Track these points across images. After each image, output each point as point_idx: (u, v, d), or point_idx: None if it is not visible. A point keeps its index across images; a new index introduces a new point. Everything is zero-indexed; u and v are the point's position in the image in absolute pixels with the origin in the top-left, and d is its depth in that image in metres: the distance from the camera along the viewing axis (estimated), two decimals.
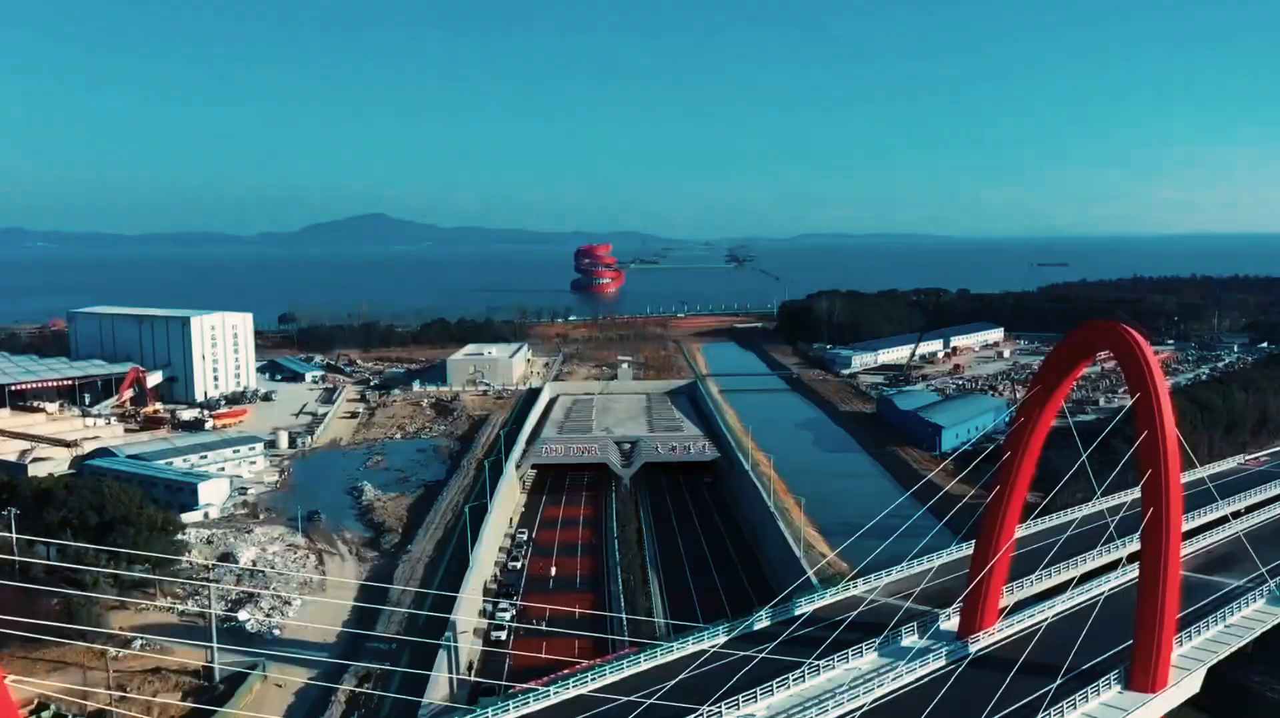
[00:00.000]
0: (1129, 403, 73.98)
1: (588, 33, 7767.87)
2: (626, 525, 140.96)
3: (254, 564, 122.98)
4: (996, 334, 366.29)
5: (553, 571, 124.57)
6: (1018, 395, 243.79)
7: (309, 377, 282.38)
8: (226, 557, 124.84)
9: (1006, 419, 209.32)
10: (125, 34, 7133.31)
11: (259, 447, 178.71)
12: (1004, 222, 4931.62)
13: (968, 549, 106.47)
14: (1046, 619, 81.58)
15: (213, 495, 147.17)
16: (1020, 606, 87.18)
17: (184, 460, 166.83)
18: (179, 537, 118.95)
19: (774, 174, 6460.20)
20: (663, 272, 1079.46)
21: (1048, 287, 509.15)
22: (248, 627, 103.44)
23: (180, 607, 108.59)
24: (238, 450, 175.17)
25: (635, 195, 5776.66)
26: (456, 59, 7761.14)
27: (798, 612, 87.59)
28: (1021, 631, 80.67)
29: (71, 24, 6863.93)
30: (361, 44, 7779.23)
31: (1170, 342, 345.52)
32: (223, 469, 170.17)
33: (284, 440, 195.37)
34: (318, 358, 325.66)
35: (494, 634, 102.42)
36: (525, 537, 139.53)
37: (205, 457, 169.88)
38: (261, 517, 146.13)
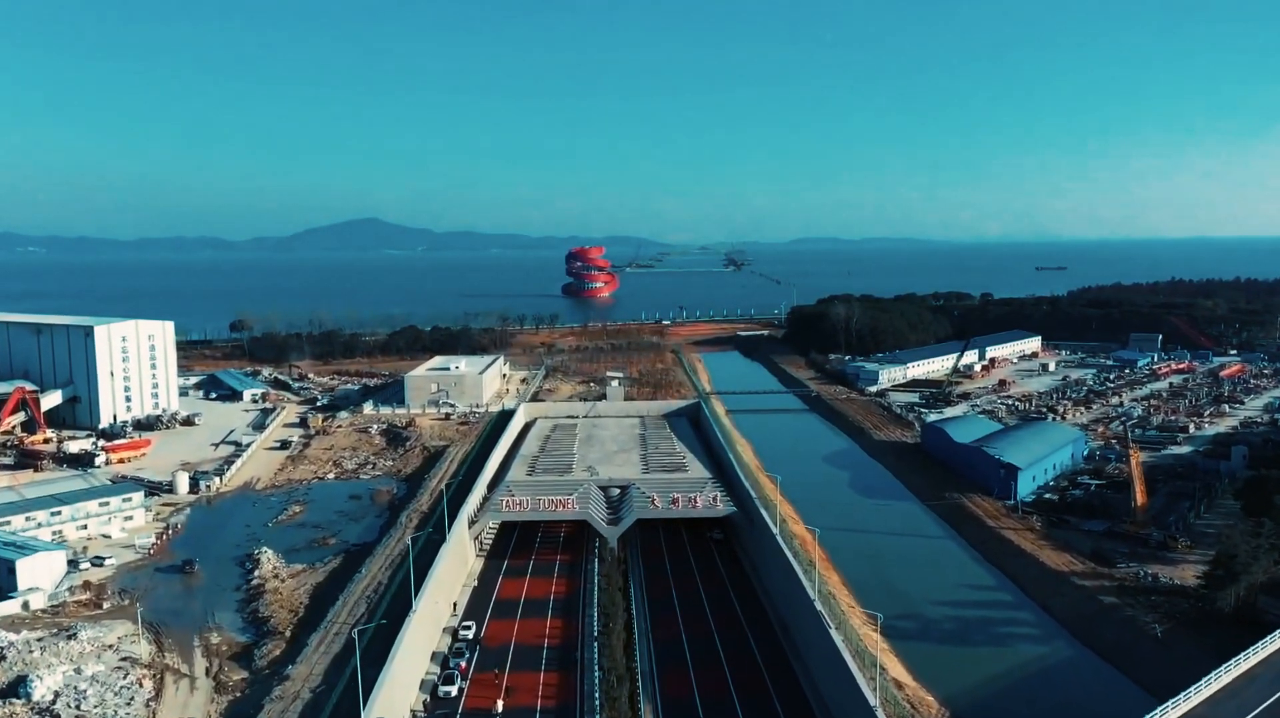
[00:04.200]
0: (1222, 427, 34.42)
1: (584, 37, 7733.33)
2: (612, 618, 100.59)
3: (54, 699, 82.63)
4: (1034, 343, 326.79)
5: (499, 705, 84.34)
6: (1077, 418, 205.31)
7: (248, 394, 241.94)
8: (18, 684, 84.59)
9: (1086, 454, 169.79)
10: (119, 38, 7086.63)
11: (136, 497, 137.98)
12: (998, 224, 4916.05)
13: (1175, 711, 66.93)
14: None
15: (39, 576, 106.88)
16: None
17: (28, 518, 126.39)
18: None
19: (769, 179, 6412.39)
20: (659, 275, 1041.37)
21: (1079, 290, 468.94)
22: None
23: None
24: (106, 502, 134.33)
25: (632, 200, 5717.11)
26: (452, 63, 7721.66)
27: None
28: None
29: (65, 28, 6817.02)
30: (355, 48, 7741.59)
31: (1234, 352, 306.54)
32: (85, 528, 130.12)
33: (182, 484, 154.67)
34: (266, 372, 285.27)
35: None
36: (471, 633, 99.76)
37: (59, 512, 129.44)
38: (106, 605, 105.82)
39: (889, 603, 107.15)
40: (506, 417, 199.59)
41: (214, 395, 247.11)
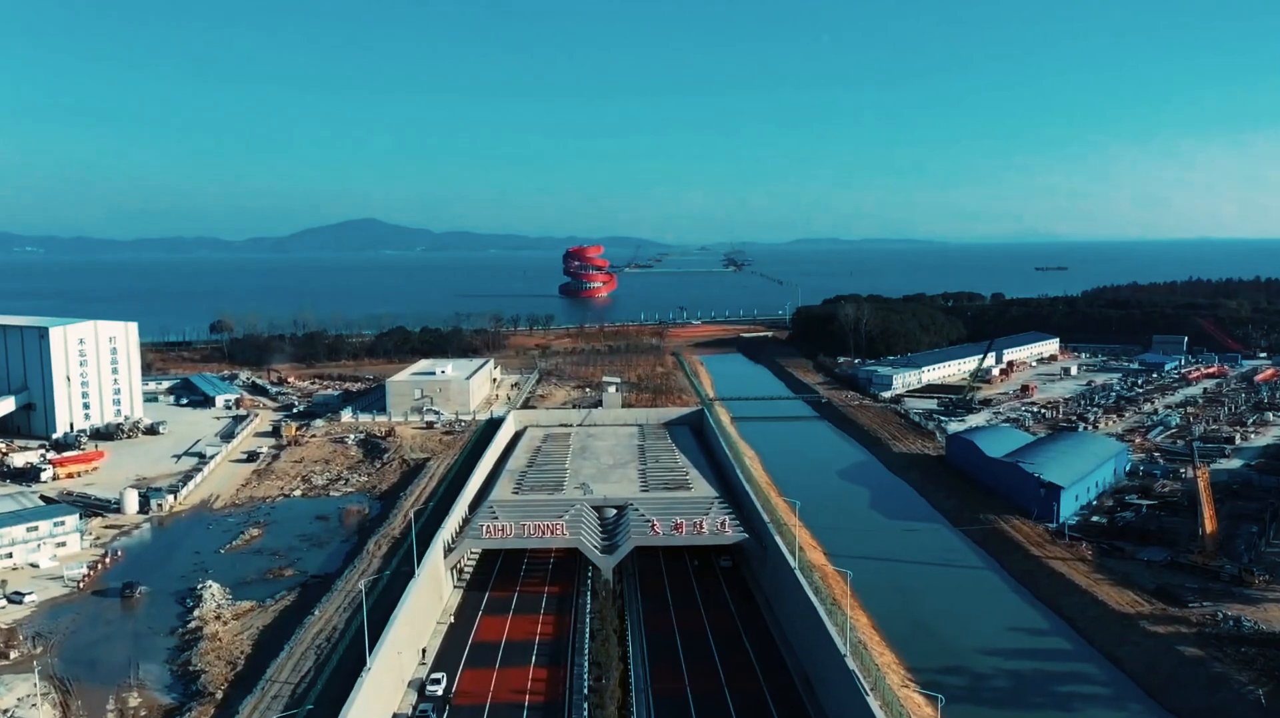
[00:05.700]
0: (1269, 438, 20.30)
1: (584, 38, 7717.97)
2: (607, 671, 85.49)
3: None
4: (1052, 346, 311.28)
5: None
6: (1110, 427, 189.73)
7: (221, 400, 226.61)
8: None
9: (1128, 468, 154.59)
10: (117, 39, 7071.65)
11: (70, 520, 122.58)
12: (997, 225, 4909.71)
13: None
14: None
15: None
16: None
17: None
18: None
19: (769, 179, 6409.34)
20: (658, 275, 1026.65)
21: (1095, 290, 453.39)
22: None
23: None
24: (35, 527, 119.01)
25: (630, 201, 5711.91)
26: (451, 63, 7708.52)
27: None
28: None
29: (62, 29, 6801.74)
30: (354, 48, 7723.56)
31: (1263, 354, 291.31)
32: (10, 557, 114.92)
33: (131, 502, 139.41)
34: (243, 375, 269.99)
35: None
36: (441, 688, 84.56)
37: None
38: (15, 654, 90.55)
39: (928, 652, 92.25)
40: (494, 426, 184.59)
41: (185, 401, 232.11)
